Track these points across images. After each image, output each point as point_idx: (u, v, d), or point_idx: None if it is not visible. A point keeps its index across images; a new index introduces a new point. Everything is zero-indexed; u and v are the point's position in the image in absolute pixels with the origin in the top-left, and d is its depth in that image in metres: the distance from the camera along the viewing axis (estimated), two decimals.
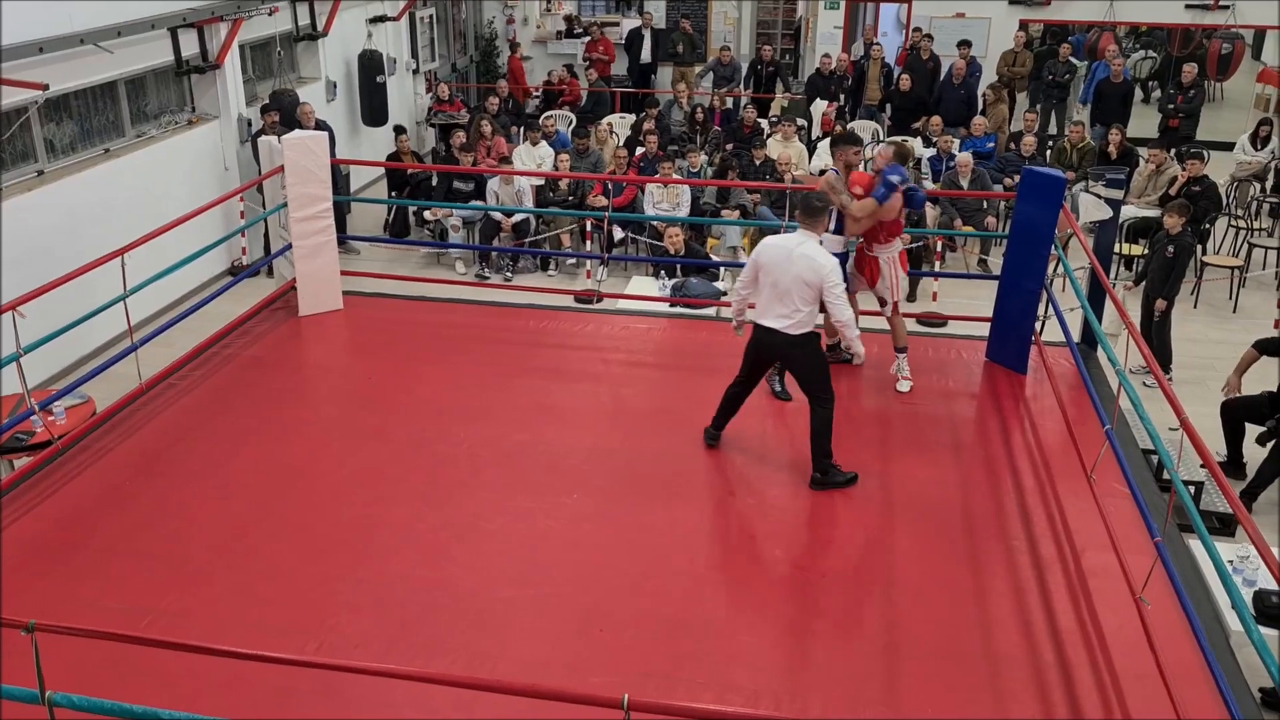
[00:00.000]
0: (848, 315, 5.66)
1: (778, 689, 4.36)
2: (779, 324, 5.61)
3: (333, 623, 4.72)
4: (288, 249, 7.96)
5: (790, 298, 5.54)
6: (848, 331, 5.70)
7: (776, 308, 5.61)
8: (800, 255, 5.51)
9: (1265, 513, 6.93)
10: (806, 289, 5.51)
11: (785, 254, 5.57)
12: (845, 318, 5.65)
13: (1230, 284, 10.36)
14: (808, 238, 5.60)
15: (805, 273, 5.48)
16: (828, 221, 5.69)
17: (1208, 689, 4.34)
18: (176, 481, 5.81)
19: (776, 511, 5.61)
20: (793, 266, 5.50)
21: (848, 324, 5.68)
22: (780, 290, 5.57)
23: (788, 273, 5.52)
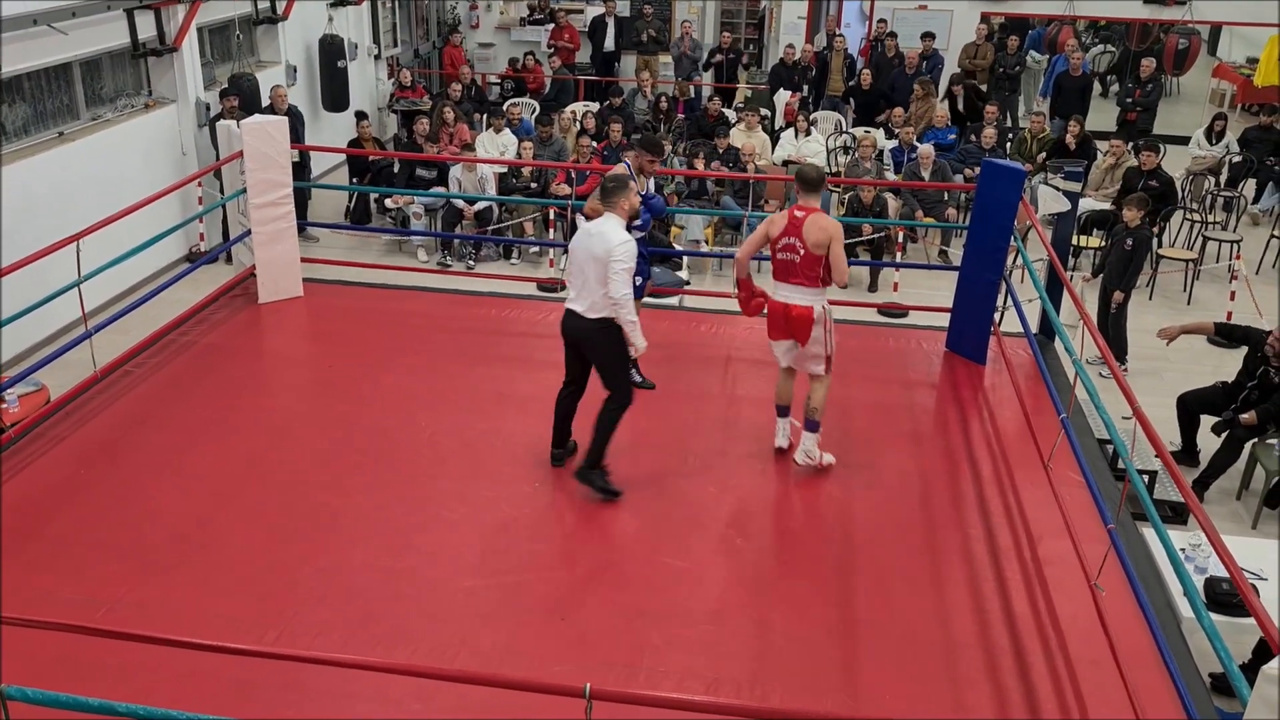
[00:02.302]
0: (623, 293, 5.29)
1: (738, 676, 4.39)
2: (579, 306, 5.44)
3: (293, 613, 4.69)
4: (247, 235, 7.87)
5: (588, 279, 5.37)
6: (622, 312, 5.33)
7: (578, 291, 5.46)
8: (596, 233, 5.39)
9: (1217, 502, 7.06)
10: (597, 265, 5.31)
11: (586, 235, 5.47)
12: (618, 295, 5.29)
13: (1185, 276, 10.52)
14: (608, 218, 5.44)
15: (596, 248, 5.32)
16: (627, 198, 5.43)
17: (1160, 674, 4.43)
18: (133, 471, 5.74)
19: (737, 501, 5.64)
20: (590, 245, 5.38)
21: (621, 303, 5.31)
22: (579, 271, 5.43)
23: (586, 251, 5.39)
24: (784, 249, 5.61)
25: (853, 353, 7.42)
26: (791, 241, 5.57)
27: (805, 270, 5.59)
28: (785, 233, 5.59)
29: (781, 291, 5.70)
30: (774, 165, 11.87)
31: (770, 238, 5.66)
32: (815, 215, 5.58)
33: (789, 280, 5.65)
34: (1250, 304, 9.59)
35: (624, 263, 5.29)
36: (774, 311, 5.76)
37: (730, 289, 8.90)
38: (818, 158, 12.29)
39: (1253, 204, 12.59)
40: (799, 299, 5.65)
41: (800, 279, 5.62)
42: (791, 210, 5.68)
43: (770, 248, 5.70)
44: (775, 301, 5.73)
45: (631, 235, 5.65)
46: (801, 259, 5.57)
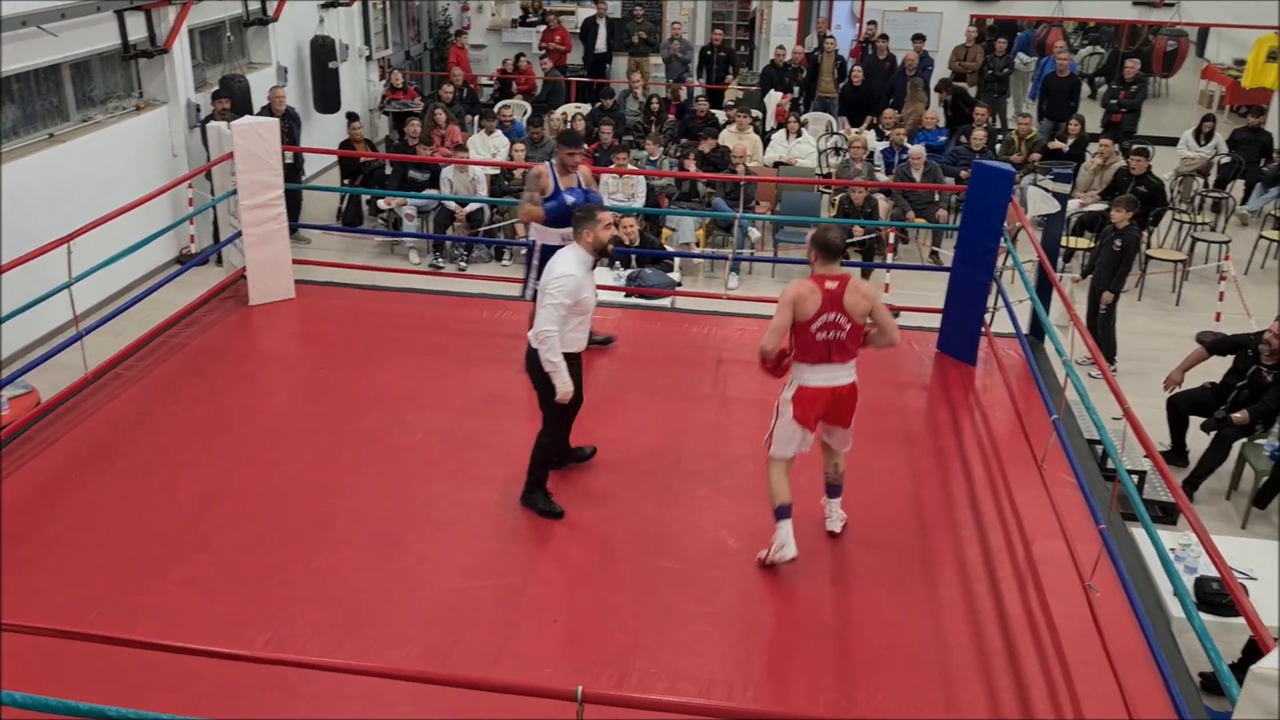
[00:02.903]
0: (546, 329, 4.97)
1: (730, 678, 4.39)
2: (531, 335, 5.18)
3: (285, 615, 4.68)
4: (238, 237, 7.85)
5: (536, 304, 5.20)
6: (543, 350, 5.01)
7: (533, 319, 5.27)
8: (553, 259, 5.16)
9: (1207, 501, 7.09)
10: (541, 295, 5.10)
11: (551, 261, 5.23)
12: (539, 330, 4.99)
13: (1174, 277, 10.56)
14: (570, 247, 5.17)
15: (544, 277, 5.11)
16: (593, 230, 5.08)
17: (1151, 674, 4.44)
18: (125, 473, 5.72)
19: (728, 503, 5.64)
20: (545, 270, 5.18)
21: (543, 339, 4.99)
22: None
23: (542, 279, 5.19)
24: (825, 327, 4.87)
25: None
26: (834, 318, 4.86)
27: (852, 344, 4.96)
28: (824, 309, 4.84)
29: (822, 374, 4.94)
30: (765, 167, 11.89)
31: (804, 318, 4.85)
32: (851, 283, 4.91)
33: (832, 360, 4.93)
34: (1239, 305, 9.64)
35: (555, 298, 4.95)
36: (815, 399, 4.96)
37: (721, 290, 8.95)
38: (809, 159, 12.33)
39: (1241, 205, 12.65)
40: (845, 376, 4.99)
41: (846, 355, 4.95)
42: (819, 282, 4.88)
43: (800, 331, 4.89)
44: (815, 388, 4.95)
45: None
46: (849, 334, 4.91)
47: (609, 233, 5.14)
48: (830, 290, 4.85)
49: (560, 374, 5.05)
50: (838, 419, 5.10)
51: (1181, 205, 11.89)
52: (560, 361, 5.02)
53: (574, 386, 5.17)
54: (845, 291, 4.86)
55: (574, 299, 5.02)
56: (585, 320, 5.21)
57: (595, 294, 5.29)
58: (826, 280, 4.88)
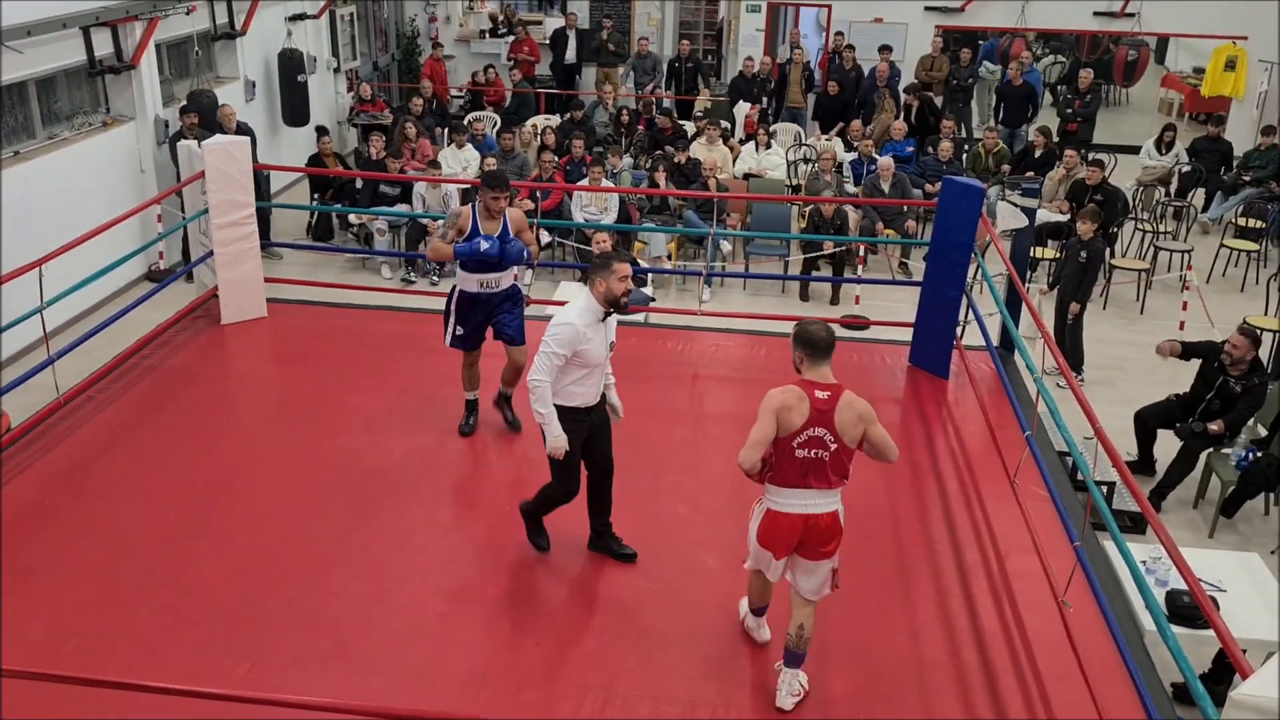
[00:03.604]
0: (536, 379, 4.71)
1: (713, 699, 4.42)
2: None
3: (264, 642, 4.66)
4: (209, 256, 7.81)
5: None
6: (533, 400, 4.75)
7: None
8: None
9: (1174, 511, 7.21)
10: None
11: None
12: (530, 379, 4.73)
13: (1138, 286, 10.72)
14: (581, 293, 4.89)
15: None
16: (605, 280, 4.76)
17: (1125, 687, 4.52)
18: (98, 498, 5.67)
19: (707, 521, 5.67)
20: None
21: (532, 388, 4.73)
22: None
23: None
24: (807, 444, 4.19)
25: None
26: (819, 434, 4.19)
27: (836, 468, 4.26)
28: (810, 423, 4.17)
29: (797, 499, 4.26)
30: (735, 179, 11.96)
31: (787, 431, 4.18)
32: (845, 398, 4.22)
33: (810, 484, 4.25)
34: (1202, 314, 9.80)
35: (549, 346, 4.67)
36: (785, 526, 4.30)
37: (695, 304, 8.98)
38: (778, 170, 12.41)
39: (1202, 213, 12.86)
40: (824, 504, 4.28)
41: (827, 481, 4.26)
42: (809, 390, 4.20)
43: (780, 445, 4.21)
44: (787, 514, 4.28)
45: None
46: (833, 456, 4.22)
47: (623, 285, 4.75)
48: (820, 402, 4.19)
49: (550, 425, 4.74)
50: (810, 553, 4.34)
51: (1144, 215, 12.08)
52: (549, 413, 4.73)
53: (577, 442, 4.89)
54: (837, 408, 4.20)
55: (571, 350, 4.70)
56: (592, 374, 4.87)
57: (608, 347, 4.98)
58: (817, 389, 4.22)
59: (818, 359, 4.26)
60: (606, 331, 4.93)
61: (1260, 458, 6.87)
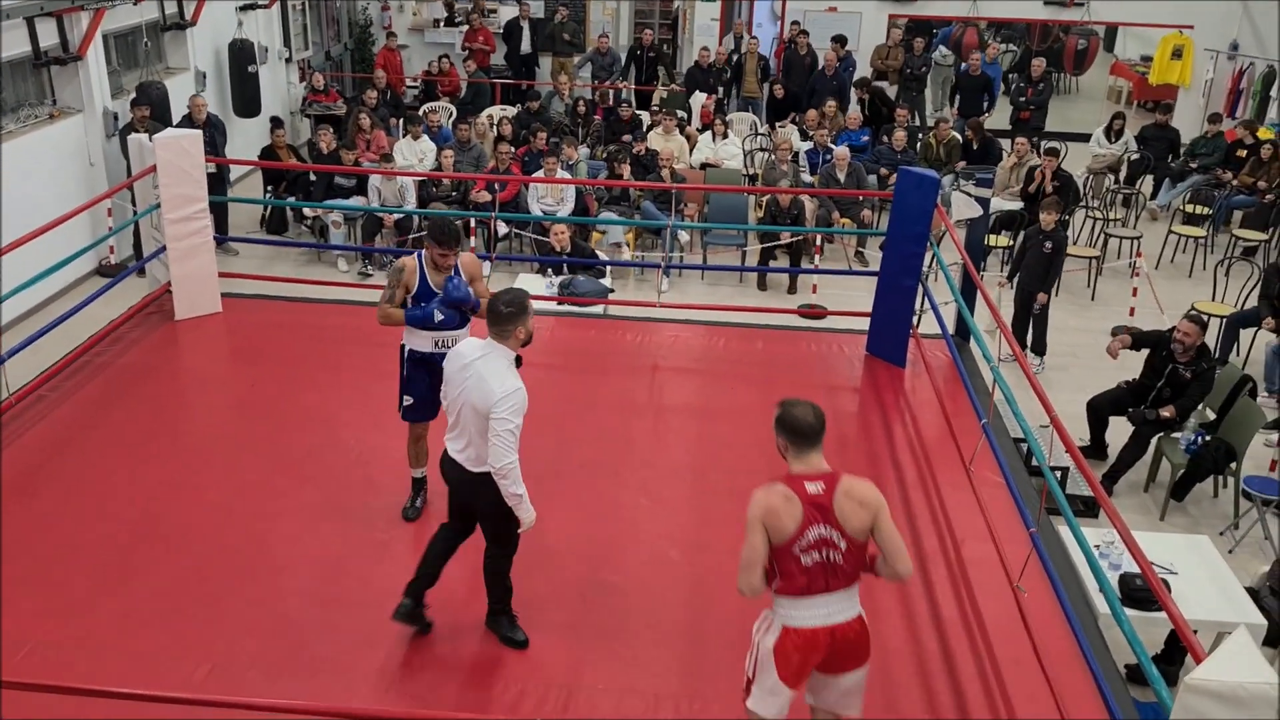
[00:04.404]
0: (507, 462, 4.21)
1: (676, 692, 4.45)
2: (457, 450, 4.45)
3: (223, 645, 4.61)
4: (161, 251, 7.70)
5: (466, 424, 4.35)
6: (506, 484, 4.26)
7: (457, 430, 4.43)
8: (473, 372, 4.29)
9: (1126, 494, 7.34)
10: (476, 417, 4.27)
11: (460, 366, 4.36)
12: (500, 465, 4.21)
13: (1089, 273, 10.88)
14: (493, 349, 4.31)
15: (474, 395, 4.26)
16: (524, 325, 4.31)
17: (1080, 670, 4.61)
18: (51, 501, 5.58)
19: (669, 513, 5.70)
20: (464, 384, 4.32)
21: (505, 473, 4.23)
22: (455, 405, 4.41)
23: (460, 388, 4.34)
24: (814, 547, 3.57)
25: (776, 358, 7.58)
26: (825, 534, 3.57)
27: (852, 567, 3.64)
28: (809, 522, 3.56)
29: (814, 609, 3.60)
30: (692, 169, 11.97)
31: (782, 539, 3.56)
32: (844, 485, 3.62)
33: (828, 589, 3.61)
34: (1152, 300, 9.97)
35: (509, 422, 4.17)
36: (808, 647, 3.62)
37: (654, 295, 8.99)
38: (735, 160, 12.43)
39: (1151, 200, 13.07)
40: (845, 611, 3.65)
41: (845, 581, 3.64)
42: (797, 486, 3.59)
43: (780, 556, 3.59)
44: (806, 630, 3.61)
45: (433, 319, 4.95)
46: (847, 555, 3.60)
47: (532, 323, 4.40)
48: (814, 497, 3.58)
49: (525, 504, 4.37)
50: (838, 667, 3.71)
51: (1094, 202, 12.25)
52: (524, 492, 4.34)
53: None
54: (834, 499, 3.59)
55: (523, 413, 4.25)
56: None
57: None
58: (806, 481, 3.60)
59: (804, 446, 3.64)
60: None
61: (1209, 441, 7.01)
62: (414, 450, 5.54)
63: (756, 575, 3.59)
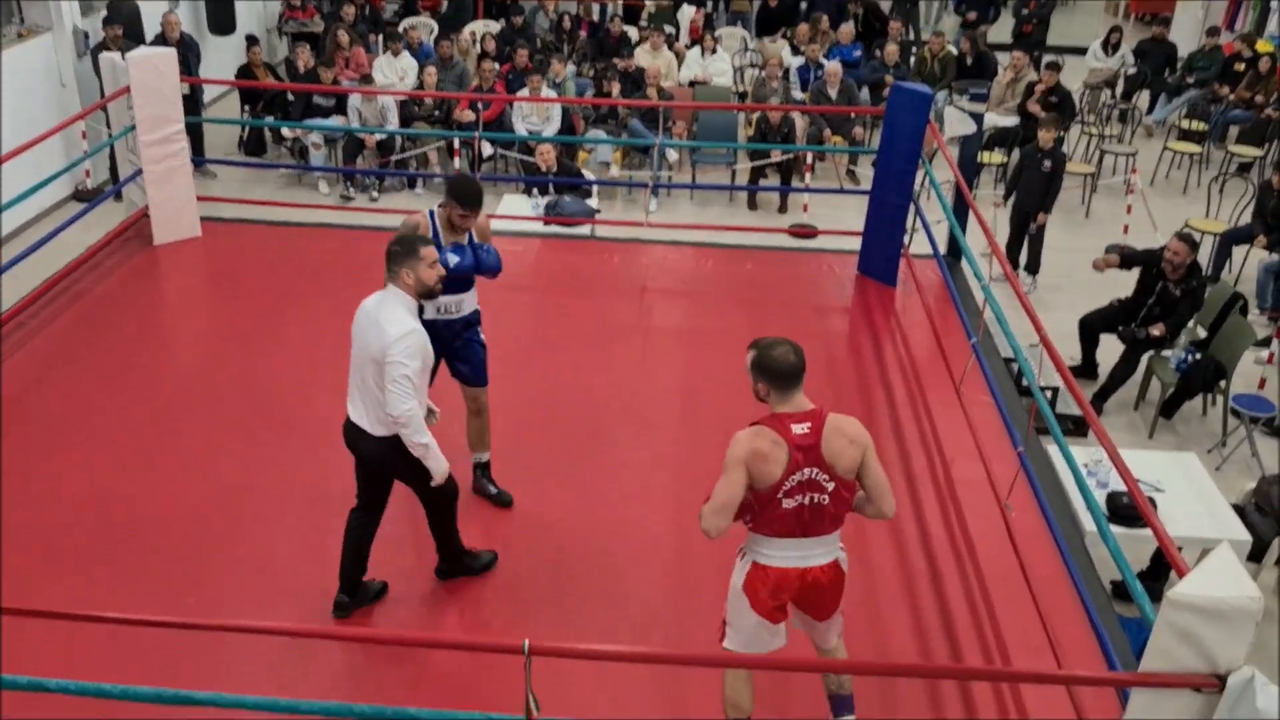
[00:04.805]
0: (405, 409, 3.94)
1: (666, 621, 4.45)
2: (357, 414, 4.16)
3: (212, 580, 4.59)
4: (138, 174, 7.54)
5: (365, 379, 4.06)
6: (408, 434, 4.00)
7: (356, 394, 4.16)
8: (371, 317, 4.03)
9: (1115, 413, 7.34)
10: (373, 366, 3.99)
11: (364, 316, 4.09)
12: (399, 413, 3.94)
13: (1083, 190, 10.77)
14: (389, 294, 4.04)
15: (370, 342, 3.99)
16: (414, 270, 4.01)
17: (1065, 586, 4.63)
18: (31, 437, 5.47)
19: (657, 443, 5.65)
20: (364, 334, 4.05)
21: (404, 422, 3.97)
22: (356, 364, 4.12)
23: (361, 342, 4.07)
24: (798, 490, 3.39)
25: (766, 279, 7.51)
26: (812, 476, 3.39)
27: (836, 509, 3.48)
28: (796, 465, 3.37)
29: (788, 550, 3.48)
30: (680, 86, 11.75)
31: (766, 484, 3.38)
32: (831, 423, 3.43)
33: (806, 533, 3.47)
34: (1146, 218, 9.88)
35: (405, 366, 3.91)
36: (776, 585, 3.51)
37: (641, 215, 8.88)
38: (724, 76, 12.20)
39: (1147, 115, 12.90)
40: (822, 555, 3.52)
41: (827, 526, 3.49)
42: (782, 428, 3.39)
43: (763, 502, 3.42)
44: (776, 569, 3.50)
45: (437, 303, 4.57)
46: (832, 496, 3.43)
47: (434, 272, 4.07)
48: (800, 438, 3.38)
49: (433, 453, 4.09)
50: (812, 610, 3.64)
51: (1090, 117, 12.08)
52: (431, 441, 4.07)
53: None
54: (823, 437, 3.40)
55: (421, 360, 4.01)
56: (425, 376, 4.15)
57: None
58: (793, 422, 3.41)
59: (786, 387, 3.44)
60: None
61: (1199, 359, 7.00)
62: None
63: (726, 519, 3.40)
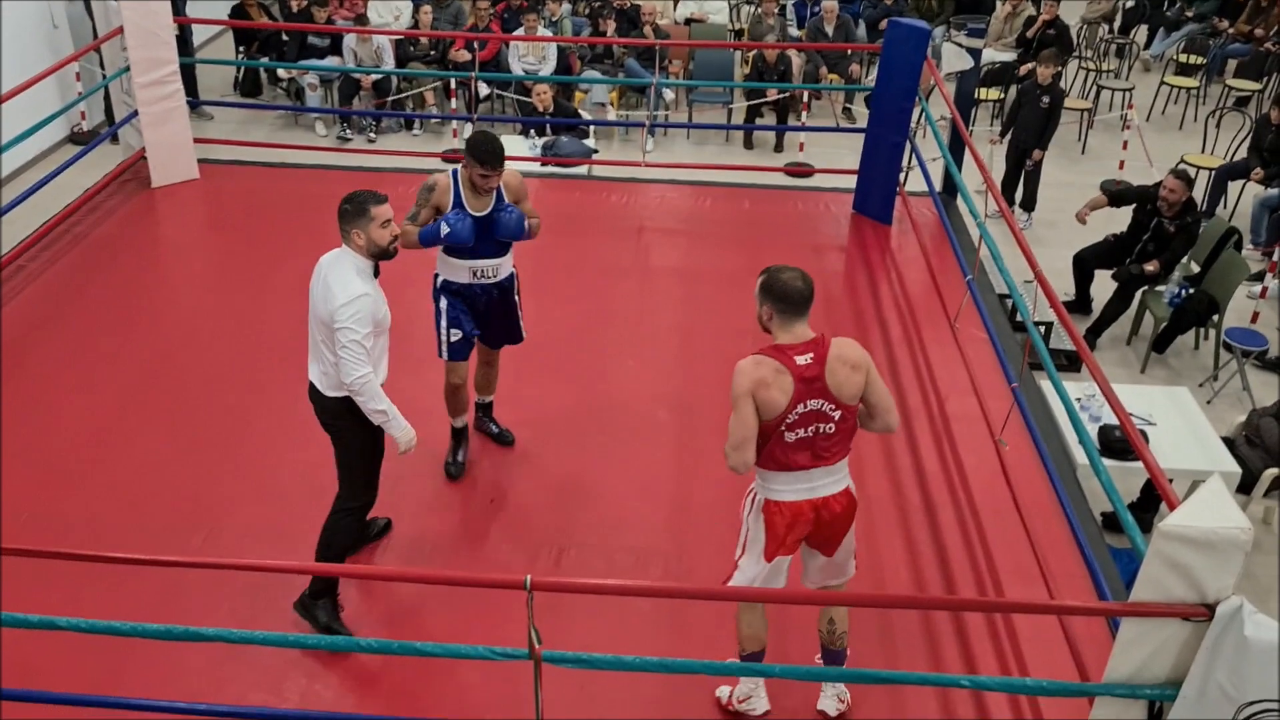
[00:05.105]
0: (357, 376, 3.79)
1: (666, 550, 4.55)
2: (313, 375, 4.02)
3: (216, 516, 4.67)
4: (134, 117, 7.51)
5: (316, 340, 3.94)
6: (364, 401, 3.86)
7: (311, 352, 4.02)
8: (321, 281, 3.88)
9: (1109, 348, 7.41)
10: (323, 329, 3.86)
11: (317, 274, 3.93)
12: (351, 380, 3.80)
13: (1080, 126, 10.72)
14: (341, 254, 3.89)
15: (319, 305, 3.85)
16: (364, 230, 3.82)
17: (1057, 519, 4.72)
18: (36, 375, 5.55)
19: (656, 376, 5.73)
20: (315, 294, 3.90)
21: (359, 389, 3.82)
22: (310, 326, 3.98)
23: (312, 301, 3.92)
24: (802, 422, 3.36)
25: (762, 218, 7.53)
26: (819, 407, 3.35)
27: (843, 439, 3.45)
28: (800, 396, 3.32)
29: (798, 483, 3.44)
30: (677, 25, 11.64)
31: (771, 415, 3.33)
32: (835, 350, 3.38)
33: (814, 464, 3.43)
34: (1142, 153, 9.85)
35: (353, 332, 3.74)
36: (791, 520, 3.47)
37: (639, 155, 8.85)
38: (720, 14, 12.09)
39: (1145, 50, 12.80)
40: (832, 485, 3.48)
41: (836, 454, 3.45)
42: (785, 357, 3.33)
43: (767, 433, 3.37)
44: (788, 504, 3.46)
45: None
46: (838, 424, 3.40)
47: (387, 232, 3.85)
48: (804, 368, 3.32)
49: (395, 421, 3.95)
50: (821, 544, 3.58)
51: (1087, 53, 11.99)
52: (390, 407, 3.92)
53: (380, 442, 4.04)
54: (827, 366, 3.34)
55: (373, 322, 3.84)
56: (383, 341, 4.03)
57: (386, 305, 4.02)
58: (795, 353, 3.34)
59: (792, 314, 3.37)
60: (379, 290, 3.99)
61: (1192, 294, 7.04)
62: (453, 399, 4.94)
63: (750, 451, 3.35)
